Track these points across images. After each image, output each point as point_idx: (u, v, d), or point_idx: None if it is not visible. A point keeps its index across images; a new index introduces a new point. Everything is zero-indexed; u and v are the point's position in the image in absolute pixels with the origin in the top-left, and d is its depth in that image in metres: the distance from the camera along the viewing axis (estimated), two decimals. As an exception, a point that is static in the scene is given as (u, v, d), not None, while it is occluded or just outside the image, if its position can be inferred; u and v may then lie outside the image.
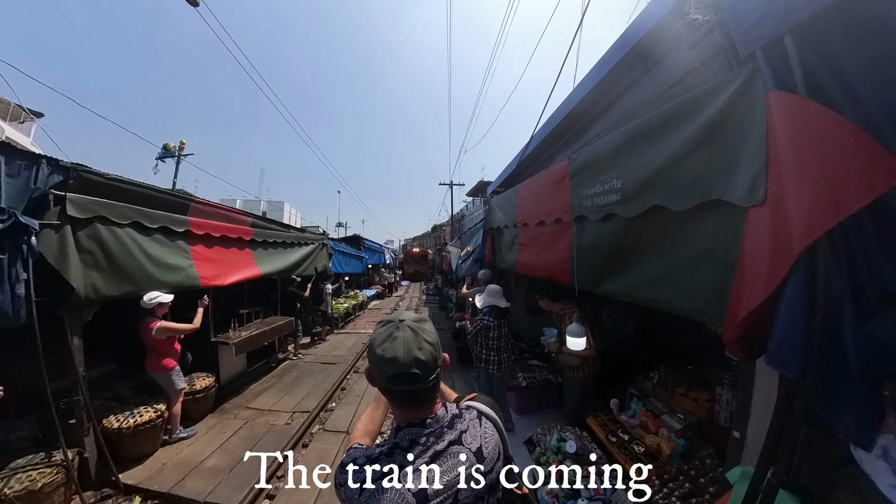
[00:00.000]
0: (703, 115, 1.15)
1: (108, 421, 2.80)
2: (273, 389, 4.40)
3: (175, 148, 10.03)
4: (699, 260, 1.20)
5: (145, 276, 2.83)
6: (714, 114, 1.10)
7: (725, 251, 1.08)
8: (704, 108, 1.15)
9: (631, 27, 2.07)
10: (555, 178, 2.40)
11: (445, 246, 11.65)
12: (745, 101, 1.00)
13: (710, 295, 1.14)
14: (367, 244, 11.07)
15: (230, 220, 3.90)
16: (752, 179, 0.95)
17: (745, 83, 1.00)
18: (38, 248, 2.15)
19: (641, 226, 1.52)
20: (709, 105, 1.13)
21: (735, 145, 1.03)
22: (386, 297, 13.99)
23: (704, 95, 1.15)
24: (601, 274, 1.87)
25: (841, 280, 0.73)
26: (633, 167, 1.51)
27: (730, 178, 1.04)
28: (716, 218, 1.13)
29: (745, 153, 0.99)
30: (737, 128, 1.03)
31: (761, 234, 0.92)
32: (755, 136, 0.95)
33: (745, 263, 0.99)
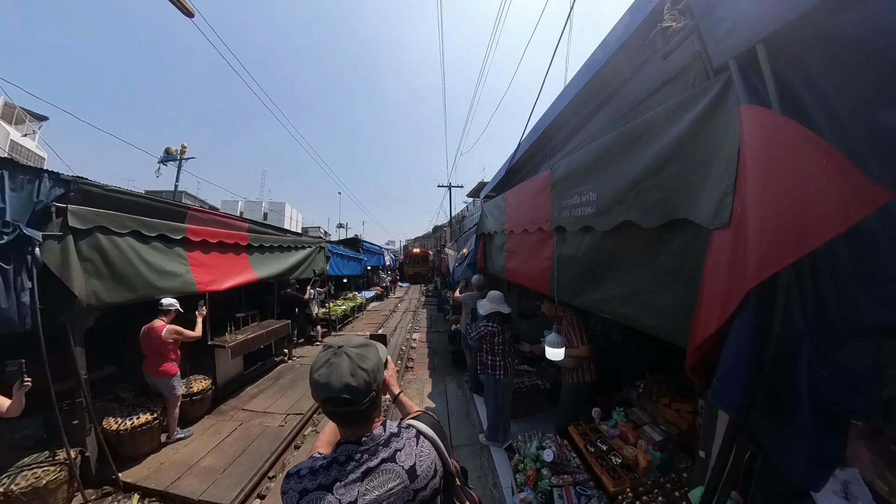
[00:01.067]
0: (673, 129, 1.11)
1: (108, 422, 2.91)
2: (268, 392, 4.51)
3: (177, 152, 10.19)
4: (667, 279, 1.18)
5: (144, 283, 2.94)
6: (685, 128, 1.05)
7: (690, 271, 1.05)
8: (676, 121, 1.10)
9: (609, 36, 2.08)
10: (538, 188, 2.40)
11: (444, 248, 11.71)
12: (717, 115, 0.94)
13: (675, 315, 1.12)
14: (365, 246, 11.17)
15: (227, 226, 4.01)
16: (719, 200, 0.89)
17: (718, 95, 0.95)
18: (42, 258, 2.26)
19: (614, 240, 1.51)
20: (680, 119, 1.08)
21: (704, 162, 0.98)
22: (385, 299, 14.08)
23: (676, 108, 1.11)
24: (578, 286, 1.88)
25: (803, 313, 0.68)
26: (607, 181, 1.49)
27: (697, 197, 0.99)
28: (683, 237, 1.10)
29: (714, 171, 0.93)
30: (707, 143, 0.97)
31: (722, 260, 0.87)
32: (725, 152, 0.89)
33: (705, 288, 0.95)
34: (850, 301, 0.67)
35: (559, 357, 2.36)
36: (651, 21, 1.63)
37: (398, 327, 8.45)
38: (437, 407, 4.08)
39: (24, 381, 1.96)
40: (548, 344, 2.35)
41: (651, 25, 1.65)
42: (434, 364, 5.68)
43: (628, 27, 1.84)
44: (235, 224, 4.18)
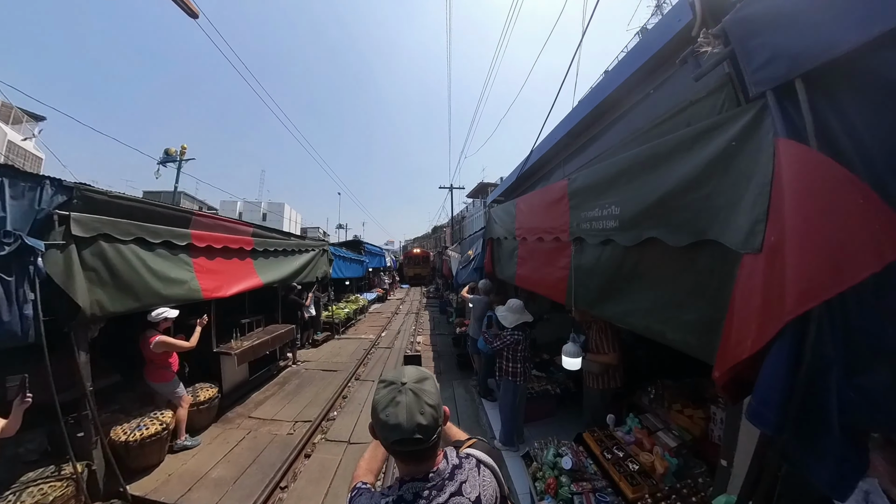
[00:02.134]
0: (704, 151, 1.13)
1: (115, 433, 2.85)
2: (275, 398, 4.45)
3: (176, 153, 10.06)
4: (692, 295, 1.21)
5: (149, 291, 2.86)
6: (717, 151, 1.08)
7: (717, 290, 1.09)
8: (706, 143, 1.13)
9: (637, 47, 2.07)
10: (554, 197, 2.42)
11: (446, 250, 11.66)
12: (751, 142, 0.97)
13: (700, 332, 1.16)
14: (367, 248, 11.10)
15: (231, 231, 3.93)
16: (751, 225, 0.93)
17: (752, 123, 0.98)
18: (45, 268, 2.19)
19: (638, 254, 1.53)
20: (711, 141, 1.11)
21: (736, 186, 1.01)
22: (386, 301, 14.02)
23: (708, 130, 1.13)
24: (598, 297, 1.90)
25: (833, 340, 0.72)
26: (632, 196, 1.50)
27: (727, 220, 1.03)
28: (710, 255, 1.13)
29: (745, 196, 0.97)
30: (739, 169, 1.00)
31: (753, 285, 0.91)
32: (758, 180, 0.93)
33: (735, 309, 1.00)
34: (874, 328, 0.71)
35: (576, 367, 2.34)
36: (678, 40, 1.63)
37: (401, 330, 8.40)
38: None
39: (24, 397, 1.89)
40: (565, 353, 2.32)
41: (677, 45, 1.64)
42: (440, 368, 5.64)
43: (653, 44, 1.82)
44: (240, 229, 4.10)
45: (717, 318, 1.06)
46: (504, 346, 3.07)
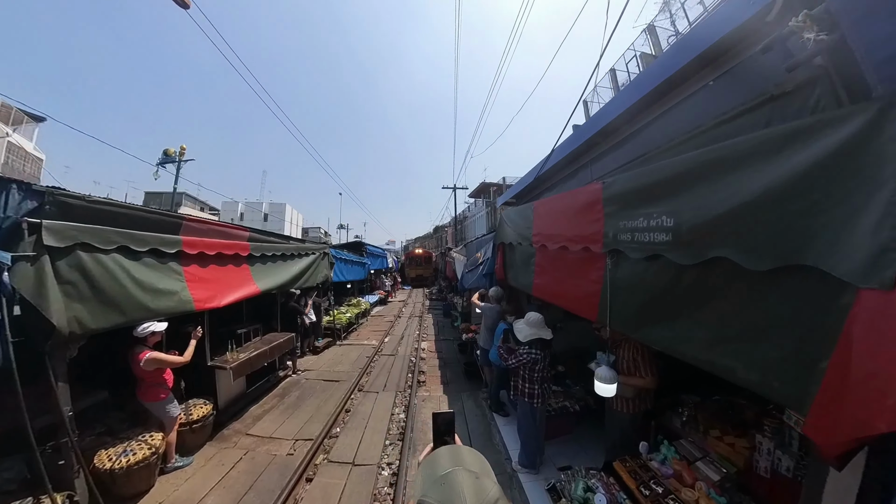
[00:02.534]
0: (800, 155, 0.92)
1: (100, 459, 2.61)
2: (274, 412, 4.21)
3: (175, 153, 9.80)
4: (776, 328, 1.01)
5: (135, 304, 2.61)
6: (819, 157, 0.88)
7: (815, 327, 0.90)
8: (804, 147, 0.92)
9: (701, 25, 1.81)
10: (583, 202, 2.18)
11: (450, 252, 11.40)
12: (871, 150, 0.79)
13: (787, 374, 0.97)
14: (369, 249, 10.84)
15: (226, 235, 3.68)
16: (876, 253, 0.75)
17: (872, 126, 0.79)
18: (13, 283, 1.94)
19: (698, 274, 1.30)
20: (812, 145, 0.90)
21: (846, 202, 0.83)
22: (388, 303, 13.77)
23: (805, 131, 0.93)
24: (640, 320, 1.68)
25: None
26: (693, 206, 1.28)
27: (833, 243, 0.85)
28: (804, 283, 0.93)
29: (864, 215, 0.79)
30: (854, 181, 0.82)
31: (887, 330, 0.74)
32: (885, 196, 0.75)
33: (851, 357, 0.80)
34: None
35: (611, 393, 2.09)
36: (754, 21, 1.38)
37: (405, 335, 8.15)
38: (457, 430, 3.78)
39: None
40: (599, 379, 2.07)
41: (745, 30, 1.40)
42: (447, 377, 5.39)
43: (715, 29, 1.56)
44: (235, 233, 3.85)
45: (812, 359, 0.89)
46: (519, 364, 2.83)
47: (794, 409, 0.98)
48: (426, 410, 4.26)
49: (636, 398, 2.54)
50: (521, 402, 2.91)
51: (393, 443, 3.63)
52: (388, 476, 3.11)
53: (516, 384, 2.94)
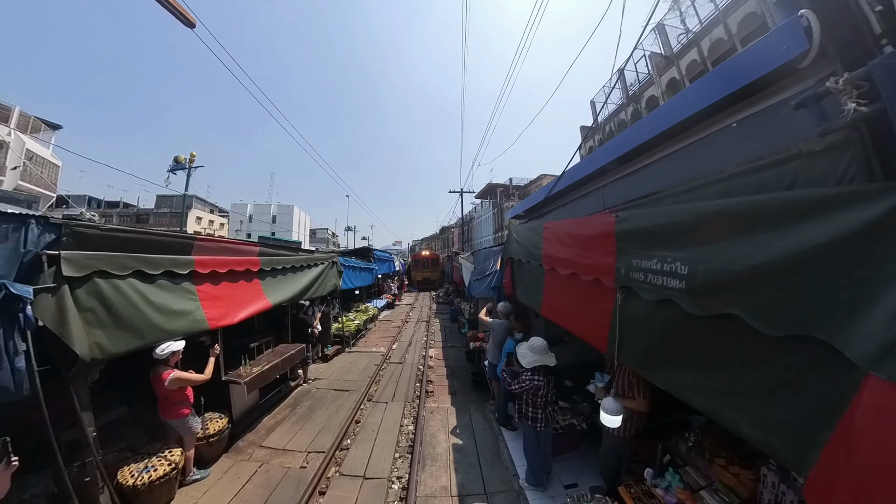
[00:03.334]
0: (826, 226, 0.89)
1: (123, 476, 2.72)
2: (286, 423, 4.29)
3: (185, 160, 10.02)
4: (781, 393, 1.01)
5: (151, 327, 2.68)
6: (844, 233, 0.85)
7: (821, 399, 0.89)
8: (830, 217, 0.89)
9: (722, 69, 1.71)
10: (596, 233, 2.13)
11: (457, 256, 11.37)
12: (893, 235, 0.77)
13: (789, 438, 0.98)
14: (376, 254, 10.91)
15: (237, 252, 3.74)
16: (887, 345, 0.74)
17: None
18: (36, 314, 2.01)
19: (709, 327, 1.27)
20: (838, 217, 0.87)
21: (865, 286, 0.81)
22: (395, 307, 13.85)
23: (832, 201, 0.90)
24: (649, 361, 1.66)
25: None
26: (708, 257, 1.24)
27: (848, 322, 0.83)
28: (814, 354, 0.91)
29: (881, 303, 0.77)
30: (875, 264, 0.80)
31: (888, 426, 0.74)
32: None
33: (852, 438, 0.80)
34: None
35: (616, 424, 2.07)
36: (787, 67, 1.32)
37: (413, 341, 8.19)
38: (465, 444, 3.81)
39: (10, 461, 1.73)
40: (604, 410, 2.05)
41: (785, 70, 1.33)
42: (454, 388, 5.41)
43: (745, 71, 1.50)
44: (246, 249, 3.91)
45: (815, 429, 0.90)
46: (522, 389, 2.82)
47: (794, 470, 0.99)
48: (434, 423, 4.29)
49: (629, 420, 2.51)
50: (526, 426, 2.91)
51: (402, 455, 3.67)
52: (398, 490, 3.15)
53: (520, 408, 2.94)
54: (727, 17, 8.88)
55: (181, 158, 9.97)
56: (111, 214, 22.45)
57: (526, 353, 2.87)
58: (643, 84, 11.81)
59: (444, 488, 3.12)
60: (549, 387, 2.86)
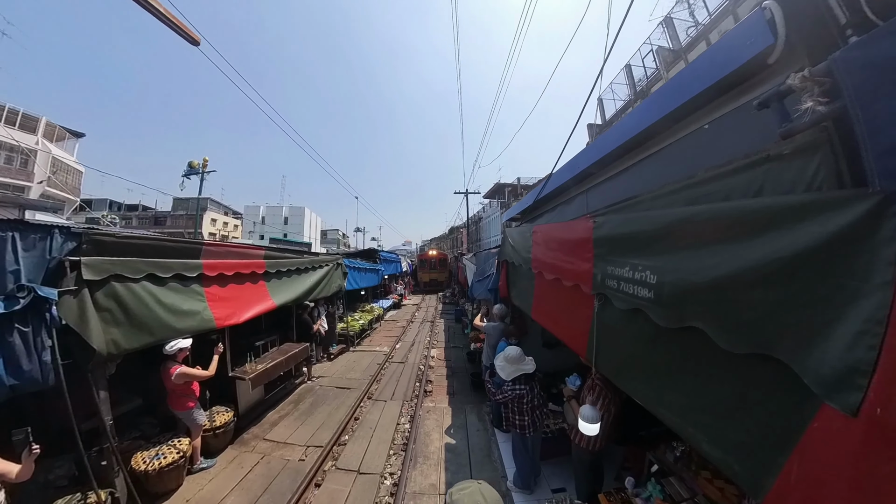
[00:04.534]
0: (787, 239, 0.83)
1: (136, 461, 2.95)
2: (289, 418, 4.50)
3: (199, 165, 10.52)
4: (743, 413, 0.97)
5: (162, 326, 2.90)
6: (806, 245, 0.78)
7: (778, 422, 0.85)
8: (793, 229, 0.82)
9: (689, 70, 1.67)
10: (576, 238, 2.10)
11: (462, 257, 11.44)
12: (861, 250, 0.69)
13: (747, 459, 0.94)
14: (382, 255, 11.11)
15: (243, 256, 3.96)
16: (843, 372, 0.68)
17: (866, 222, 0.68)
18: (60, 313, 2.23)
19: (676, 339, 1.24)
20: (801, 228, 0.80)
21: (827, 303, 0.74)
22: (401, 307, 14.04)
23: (795, 211, 0.83)
24: (623, 368, 1.65)
25: None
26: (673, 267, 1.20)
27: (807, 343, 0.77)
28: (774, 374, 0.86)
29: (842, 323, 0.70)
30: (838, 281, 0.73)
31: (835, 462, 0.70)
32: (865, 310, 0.66)
33: (803, 467, 0.77)
34: None
35: (594, 433, 2.10)
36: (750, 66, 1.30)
37: (416, 341, 8.35)
38: (457, 444, 3.90)
39: (31, 448, 1.93)
40: (582, 417, 2.09)
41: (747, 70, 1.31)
42: (453, 388, 5.51)
43: (710, 70, 1.49)
44: (251, 253, 4.13)
45: (772, 452, 0.85)
46: (506, 400, 2.86)
47: (750, 494, 0.91)
48: (429, 422, 4.40)
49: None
50: (514, 433, 2.95)
51: (397, 453, 3.79)
52: (389, 486, 3.27)
53: (507, 416, 2.97)
54: (737, 6, 8.55)
55: (195, 164, 10.48)
56: (131, 217, 23.68)
57: (503, 365, 2.91)
58: (651, 79, 11.53)
59: (432, 486, 3.22)
60: (534, 392, 2.90)
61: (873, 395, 0.63)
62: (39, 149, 13.68)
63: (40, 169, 13.98)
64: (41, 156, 13.81)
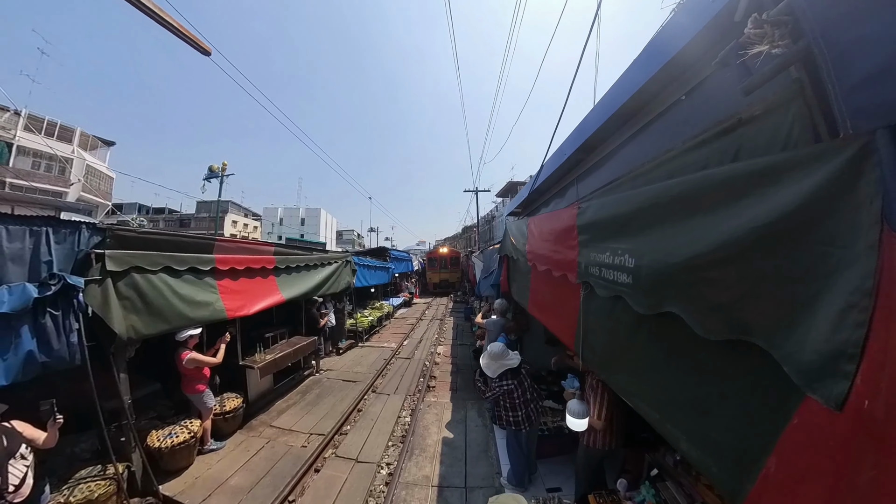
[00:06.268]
0: (761, 206, 0.73)
1: (151, 439, 3.20)
2: (295, 407, 4.70)
3: (219, 169, 11.18)
4: (719, 408, 0.89)
5: (177, 315, 3.14)
6: (781, 210, 0.68)
7: (759, 419, 0.77)
8: (764, 195, 0.72)
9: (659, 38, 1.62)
10: (563, 226, 2.05)
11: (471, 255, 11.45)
12: (841, 209, 0.59)
13: (725, 460, 0.87)
14: (393, 254, 11.32)
15: (253, 251, 4.19)
16: (828, 357, 0.58)
17: (844, 176, 0.59)
18: (86, 300, 2.48)
19: (655, 327, 1.16)
20: (774, 193, 0.70)
21: (810, 276, 0.64)
22: (412, 305, 14.18)
23: (766, 174, 0.73)
24: (607, 360, 1.58)
25: None
26: (650, 248, 1.12)
27: (787, 326, 0.68)
28: (754, 364, 0.77)
29: (827, 298, 0.61)
30: (818, 249, 0.63)
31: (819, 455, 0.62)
32: (850, 280, 0.57)
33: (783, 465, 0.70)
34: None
35: (582, 428, 2.09)
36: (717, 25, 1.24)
37: (423, 339, 8.44)
38: (455, 438, 3.94)
39: (55, 418, 2.15)
40: (569, 413, 2.08)
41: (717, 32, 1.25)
42: (456, 384, 5.54)
43: (679, 33, 1.43)
44: (261, 249, 4.36)
45: (751, 453, 0.78)
46: (495, 396, 2.87)
47: (728, 498, 0.84)
48: (430, 416, 4.46)
49: (591, 433, 2.42)
50: (508, 429, 2.95)
51: (395, 444, 3.88)
52: (384, 475, 3.36)
53: (499, 413, 2.97)
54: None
55: (215, 168, 11.14)
56: (158, 219, 25.34)
57: (488, 363, 2.91)
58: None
59: (426, 477, 3.28)
60: (524, 386, 2.89)
61: (861, 383, 0.54)
62: (75, 157, 15.03)
63: (76, 176, 15.35)
64: (76, 163, 15.16)
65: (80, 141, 16.57)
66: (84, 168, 15.55)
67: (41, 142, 14.00)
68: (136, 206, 27.36)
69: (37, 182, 14.35)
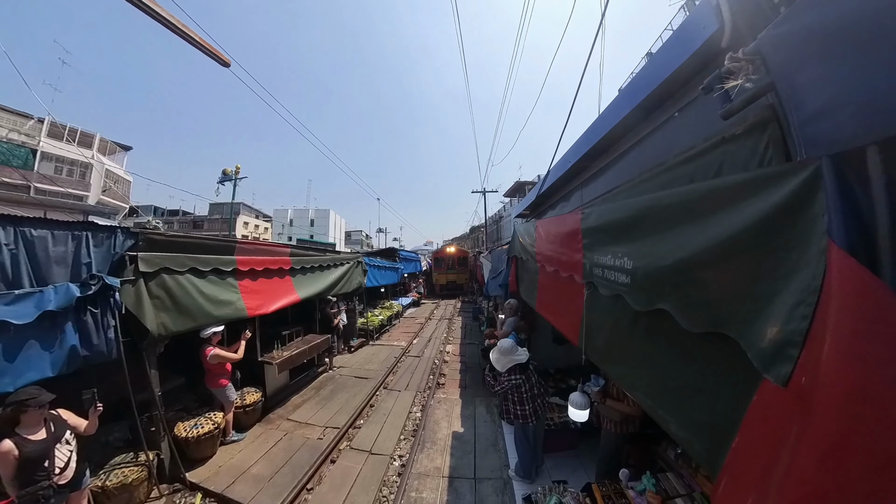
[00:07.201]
0: (736, 215, 0.85)
1: (178, 429, 3.40)
2: (311, 402, 4.88)
3: (232, 172, 11.51)
4: (703, 394, 1.01)
5: (202, 313, 3.33)
6: (751, 220, 0.80)
7: (730, 402, 0.89)
8: (740, 205, 0.85)
9: (652, 62, 1.77)
10: (568, 229, 2.20)
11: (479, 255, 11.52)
12: (798, 222, 0.70)
13: (707, 439, 0.98)
14: (402, 255, 11.47)
15: (271, 253, 4.37)
16: (779, 344, 0.70)
17: (801, 193, 0.69)
18: (121, 299, 2.67)
19: (649, 323, 1.30)
20: (747, 203, 0.83)
21: (769, 277, 0.76)
22: (421, 305, 14.29)
23: (741, 188, 0.86)
24: (606, 355, 1.73)
25: None
26: (645, 252, 1.26)
27: (752, 319, 0.80)
28: (728, 353, 0.89)
29: (780, 297, 0.72)
30: (777, 255, 0.75)
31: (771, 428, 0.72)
32: (800, 282, 0.68)
33: (743, 442, 0.80)
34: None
35: (583, 419, 2.18)
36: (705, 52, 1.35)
37: (433, 338, 8.57)
38: (464, 432, 4.05)
39: (96, 406, 2.34)
40: (571, 403, 2.17)
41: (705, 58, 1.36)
42: (465, 382, 5.65)
43: (671, 59, 1.55)
44: (278, 251, 4.54)
45: (724, 434, 0.88)
46: (503, 390, 2.97)
47: (710, 474, 0.93)
48: (440, 412, 4.58)
49: (622, 422, 2.57)
50: (516, 423, 3.05)
51: (407, 438, 4.01)
52: (397, 466, 3.49)
53: (507, 408, 3.06)
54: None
55: (228, 171, 11.48)
56: (172, 221, 26.00)
57: (498, 358, 3.02)
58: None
59: (437, 469, 3.40)
60: (532, 381, 2.97)
61: (802, 364, 0.64)
62: (94, 162, 15.63)
63: (97, 180, 15.95)
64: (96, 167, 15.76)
65: (99, 146, 17.24)
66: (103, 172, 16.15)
67: (64, 148, 14.62)
68: (151, 209, 28.23)
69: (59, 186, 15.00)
